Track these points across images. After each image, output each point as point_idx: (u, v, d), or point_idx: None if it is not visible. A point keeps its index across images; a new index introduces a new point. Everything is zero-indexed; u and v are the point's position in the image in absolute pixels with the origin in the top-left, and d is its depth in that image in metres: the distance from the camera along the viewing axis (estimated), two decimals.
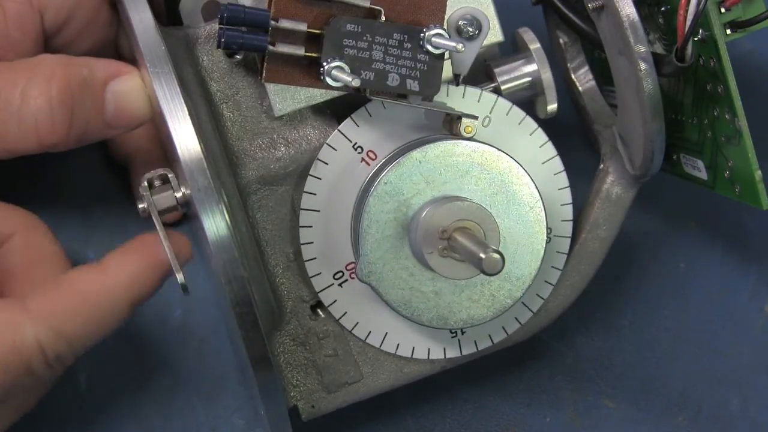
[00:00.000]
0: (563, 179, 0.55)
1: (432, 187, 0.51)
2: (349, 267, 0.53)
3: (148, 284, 0.49)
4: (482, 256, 0.46)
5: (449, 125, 0.52)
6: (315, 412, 0.55)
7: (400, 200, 0.51)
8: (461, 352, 0.55)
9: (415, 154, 0.50)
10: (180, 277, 0.48)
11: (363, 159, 0.53)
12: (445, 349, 0.55)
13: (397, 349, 0.55)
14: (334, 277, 0.53)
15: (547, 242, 0.52)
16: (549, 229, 0.52)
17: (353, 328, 0.54)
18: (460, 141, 0.51)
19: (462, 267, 0.49)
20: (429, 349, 0.55)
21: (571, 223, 0.55)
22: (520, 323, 0.55)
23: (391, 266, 0.51)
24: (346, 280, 0.53)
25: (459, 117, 0.51)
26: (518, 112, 0.54)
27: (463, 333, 0.55)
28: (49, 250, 0.52)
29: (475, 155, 0.51)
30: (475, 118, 0.51)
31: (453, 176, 0.51)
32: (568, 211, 0.55)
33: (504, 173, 0.51)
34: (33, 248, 0.52)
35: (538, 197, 0.51)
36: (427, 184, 0.51)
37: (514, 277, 0.52)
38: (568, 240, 0.55)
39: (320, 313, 0.55)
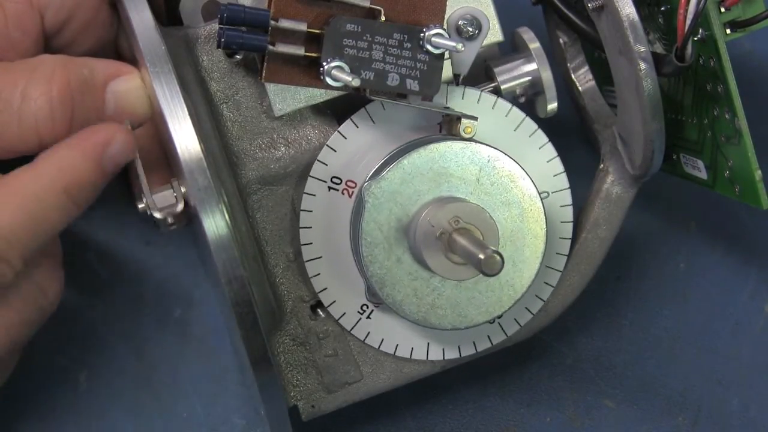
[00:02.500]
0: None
1: (475, 186, 0.50)
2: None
3: (82, 172, 0.48)
4: (482, 256, 0.46)
5: (448, 126, 0.52)
6: (315, 412, 0.55)
7: (444, 169, 0.50)
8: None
9: (490, 151, 0.50)
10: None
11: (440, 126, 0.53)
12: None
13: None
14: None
15: (496, 317, 0.52)
16: (500, 316, 0.53)
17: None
18: (529, 185, 0.51)
19: (461, 268, 0.49)
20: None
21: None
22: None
23: (390, 207, 0.50)
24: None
25: (458, 117, 0.51)
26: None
27: (370, 317, 0.54)
28: None
29: (527, 201, 0.51)
30: (475, 119, 0.51)
31: (499, 196, 0.51)
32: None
33: (530, 235, 0.51)
34: None
35: (534, 275, 0.52)
36: (476, 181, 0.51)
37: (462, 314, 0.52)
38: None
39: (320, 313, 0.55)
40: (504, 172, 0.51)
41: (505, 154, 0.51)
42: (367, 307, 0.54)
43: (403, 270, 0.51)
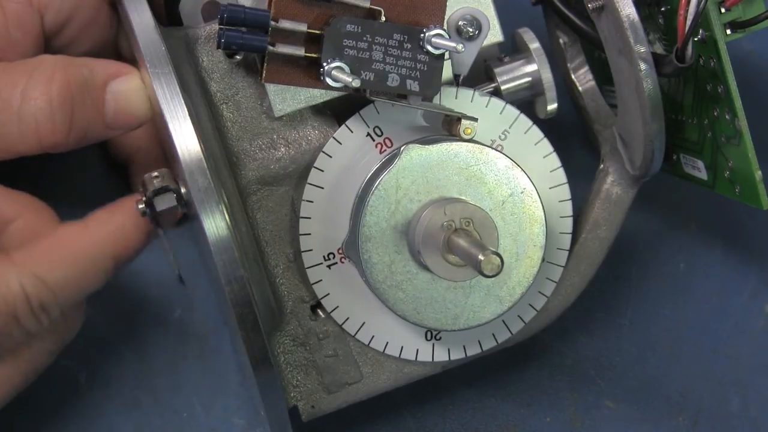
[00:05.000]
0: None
1: (498, 207, 0.50)
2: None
3: (131, 240, 0.51)
4: (481, 257, 0.46)
5: (448, 126, 0.52)
6: (315, 412, 0.55)
7: (483, 175, 0.50)
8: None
9: (528, 185, 0.51)
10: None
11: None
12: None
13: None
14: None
15: (437, 331, 0.53)
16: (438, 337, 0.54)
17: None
18: (542, 234, 0.51)
19: (459, 269, 0.49)
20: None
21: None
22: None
23: (416, 177, 0.50)
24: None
25: (459, 118, 0.51)
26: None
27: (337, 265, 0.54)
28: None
29: (530, 248, 0.51)
30: (475, 120, 0.51)
31: (511, 228, 0.51)
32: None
33: (515, 279, 0.51)
34: (35, 232, 0.52)
35: (497, 315, 0.52)
36: (501, 203, 0.50)
37: (417, 309, 0.51)
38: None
39: (320, 313, 0.55)
40: (528, 210, 0.51)
41: (539, 195, 0.51)
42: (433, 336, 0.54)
43: (392, 238, 0.50)
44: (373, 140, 0.52)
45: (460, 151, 0.50)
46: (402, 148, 0.50)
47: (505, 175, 0.51)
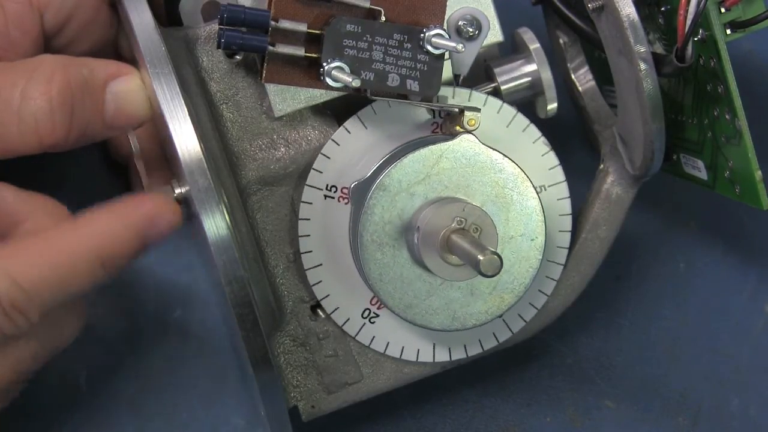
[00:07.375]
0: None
1: (509, 235, 0.51)
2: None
3: (122, 243, 0.48)
4: (480, 257, 0.46)
5: (452, 120, 0.52)
6: (315, 412, 0.55)
7: (510, 199, 0.51)
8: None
9: (541, 230, 0.51)
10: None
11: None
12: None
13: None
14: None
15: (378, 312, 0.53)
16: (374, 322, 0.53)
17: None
18: (529, 277, 0.51)
19: (458, 269, 0.49)
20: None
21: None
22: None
23: (452, 164, 0.50)
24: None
25: (462, 111, 0.51)
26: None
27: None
28: None
29: (515, 283, 0.51)
30: (478, 110, 0.51)
31: (508, 256, 0.51)
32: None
33: (486, 304, 0.52)
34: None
35: (447, 327, 0.52)
36: (512, 236, 0.51)
37: (382, 278, 0.51)
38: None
39: (320, 313, 0.55)
40: (527, 259, 0.51)
41: (543, 253, 0.51)
42: (370, 312, 0.54)
43: (403, 203, 0.50)
44: (433, 118, 0.52)
45: (506, 168, 0.50)
46: (460, 133, 0.50)
47: (528, 215, 0.51)
